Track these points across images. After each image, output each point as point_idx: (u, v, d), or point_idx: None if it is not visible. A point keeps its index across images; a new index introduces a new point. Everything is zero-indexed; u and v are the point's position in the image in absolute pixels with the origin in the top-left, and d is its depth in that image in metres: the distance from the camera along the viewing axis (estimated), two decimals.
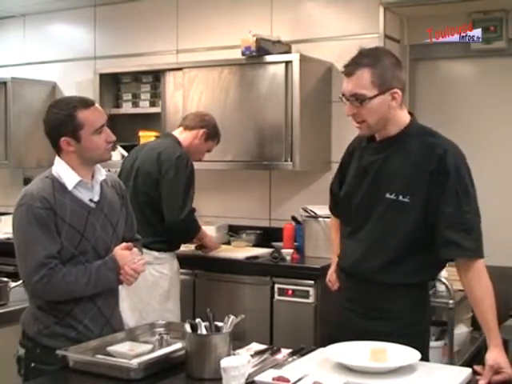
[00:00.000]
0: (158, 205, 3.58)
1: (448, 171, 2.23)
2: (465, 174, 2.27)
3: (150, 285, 3.54)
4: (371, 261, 2.34)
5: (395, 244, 2.30)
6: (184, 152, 3.65)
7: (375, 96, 2.25)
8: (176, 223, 3.55)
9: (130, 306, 3.50)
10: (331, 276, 2.67)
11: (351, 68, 2.28)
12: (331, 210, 2.77)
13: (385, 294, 2.34)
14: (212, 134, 3.79)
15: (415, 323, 2.36)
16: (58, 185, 2.33)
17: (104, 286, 2.36)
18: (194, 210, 3.64)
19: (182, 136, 3.75)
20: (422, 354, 2.11)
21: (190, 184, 3.61)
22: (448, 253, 2.25)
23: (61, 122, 2.31)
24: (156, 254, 3.57)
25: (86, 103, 2.35)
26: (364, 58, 2.28)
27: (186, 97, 4.46)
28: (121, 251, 2.38)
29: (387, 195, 2.30)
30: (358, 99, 2.26)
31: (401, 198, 2.27)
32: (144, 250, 2.75)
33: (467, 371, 2.06)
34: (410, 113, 2.39)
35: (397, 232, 2.30)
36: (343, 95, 2.31)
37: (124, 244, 2.41)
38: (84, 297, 2.33)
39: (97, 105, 2.41)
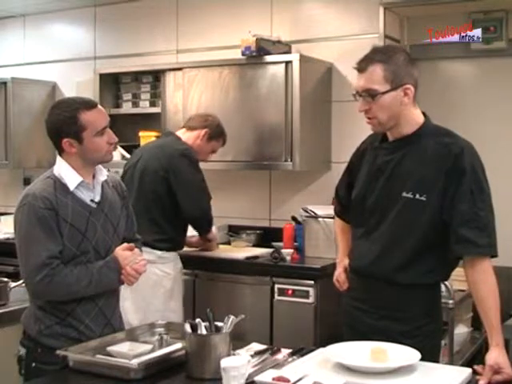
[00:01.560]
0: (165, 202, 3.59)
1: (464, 169, 2.24)
2: (480, 173, 2.28)
3: (152, 284, 3.54)
4: (388, 261, 2.34)
5: (411, 243, 2.30)
6: (187, 146, 3.66)
7: (387, 91, 2.26)
8: (203, 213, 3.64)
9: (133, 306, 3.49)
10: (339, 276, 2.63)
11: (364, 64, 2.30)
12: (337, 212, 2.75)
13: (398, 295, 2.34)
14: (214, 134, 3.78)
15: (427, 324, 2.36)
16: (59, 185, 2.33)
17: (105, 286, 2.36)
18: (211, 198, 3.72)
19: (185, 136, 3.75)
20: (432, 354, 2.11)
21: (201, 174, 3.65)
22: (462, 250, 2.24)
23: (63, 123, 2.31)
24: (159, 253, 3.57)
25: (89, 105, 2.35)
26: (377, 54, 2.30)
27: (186, 97, 4.46)
28: (122, 251, 2.38)
29: (404, 194, 2.30)
30: (371, 95, 2.27)
31: (417, 196, 2.28)
32: (147, 249, 2.77)
33: (467, 371, 2.06)
34: (423, 113, 2.40)
35: (413, 231, 2.30)
36: (356, 92, 2.32)
37: (125, 244, 2.41)
38: (85, 297, 2.33)
39: (99, 106, 2.40)
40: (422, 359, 2.04)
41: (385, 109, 2.28)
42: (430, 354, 2.09)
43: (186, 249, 3.98)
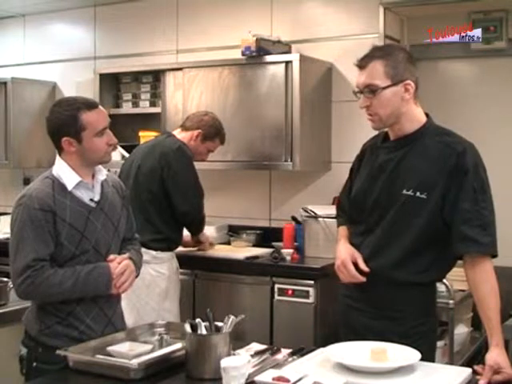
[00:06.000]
0: (161, 201, 3.58)
1: (467, 168, 2.25)
2: (482, 172, 2.29)
3: (147, 284, 3.53)
4: (384, 257, 2.33)
5: (408, 241, 2.30)
6: (181, 143, 3.66)
7: (388, 86, 2.28)
8: (194, 210, 3.62)
9: (128, 305, 3.47)
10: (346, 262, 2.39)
11: (365, 60, 2.32)
12: (341, 222, 2.65)
13: (394, 293, 2.34)
14: (208, 134, 3.75)
15: (423, 324, 2.36)
16: (58, 185, 2.33)
17: (94, 290, 2.33)
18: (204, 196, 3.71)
19: (180, 136, 3.74)
20: (428, 354, 2.10)
21: (195, 170, 3.64)
22: (464, 248, 2.24)
23: (64, 122, 2.32)
24: (154, 253, 3.56)
25: (90, 105, 2.36)
26: (377, 51, 2.34)
27: (186, 97, 4.46)
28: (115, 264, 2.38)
29: (404, 191, 2.30)
30: (372, 90, 2.28)
31: (418, 194, 2.28)
32: (142, 249, 2.75)
33: (467, 371, 2.06)
34: (426, 113, 2.40)
35: (411, 228, 2.30)
36: (357, 89, 2.33)
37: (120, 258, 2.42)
38: (85, 297, 2.33)
39: (100, 107, 2.41)
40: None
41: (385, 104, 2.29)
42: (425, 355, 2.09)
43: (185, 249, 3.99)
